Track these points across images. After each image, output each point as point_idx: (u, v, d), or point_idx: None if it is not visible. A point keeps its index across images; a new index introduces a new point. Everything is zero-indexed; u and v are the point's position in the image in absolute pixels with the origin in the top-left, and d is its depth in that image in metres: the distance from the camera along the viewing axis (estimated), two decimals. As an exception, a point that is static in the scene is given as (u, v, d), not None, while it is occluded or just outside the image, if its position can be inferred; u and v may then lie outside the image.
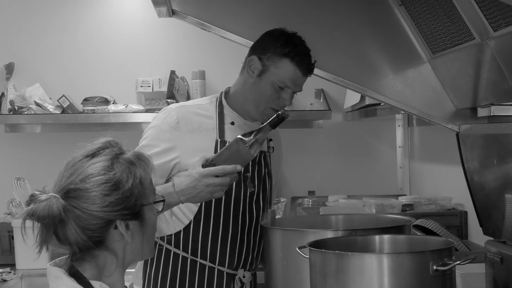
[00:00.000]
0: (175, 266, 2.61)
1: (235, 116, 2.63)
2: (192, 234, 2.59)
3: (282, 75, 2.51)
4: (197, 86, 4.26)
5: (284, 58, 2.51)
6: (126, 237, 1.69)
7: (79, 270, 1.69)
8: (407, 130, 4.34)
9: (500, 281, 2.35)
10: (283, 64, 2.51)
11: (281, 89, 2.53)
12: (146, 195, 1.72)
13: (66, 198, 1.66)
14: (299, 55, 2.51)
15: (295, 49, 2.51)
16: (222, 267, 2.61)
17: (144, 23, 4.39)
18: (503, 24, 2.06)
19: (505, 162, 2.40)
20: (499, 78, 2.29)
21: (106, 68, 4.39)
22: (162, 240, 2.63)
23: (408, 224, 2.46)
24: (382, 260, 1.91)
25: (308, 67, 2.54)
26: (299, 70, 2.52)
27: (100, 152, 1.75)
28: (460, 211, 3.40)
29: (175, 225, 2.60)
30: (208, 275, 2.60)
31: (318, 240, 2.15)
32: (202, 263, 2.60)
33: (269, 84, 2.53)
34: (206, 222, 2.57)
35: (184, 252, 2.60)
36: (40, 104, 4.10)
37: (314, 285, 2.04)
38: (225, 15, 2.88)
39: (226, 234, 2.60)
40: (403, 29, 2.75)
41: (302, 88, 2.59)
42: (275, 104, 2.55)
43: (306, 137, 4.43)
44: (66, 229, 1.66)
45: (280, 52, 2.52)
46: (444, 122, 2.77)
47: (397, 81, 2.81)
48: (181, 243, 2.60)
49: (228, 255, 2.60)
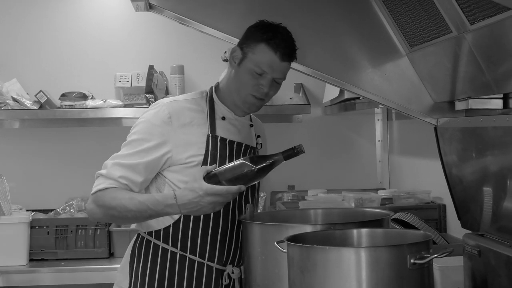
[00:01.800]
0: (163, 261, 2.59)
1: (226, 111, 2.64)
2: (181, 229, 2.57)
3: (258, 60, 2.51)
4: (176, 81, 4.25)
5: (261, 43, 2.51)
6: None
7: None
8: (386, 124, 4.35)
9: (478, 273, 2.36)
10: (260, 49, 2.51)
11: (260, 76, 2.52)
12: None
13: None
14: (275, 39, 2.50)
15: (273, 35, 2.50)
16: (211, 262, 2.60)
17: (122, 18, 4.37)
18: (480, 17, 2.06)
19: (483, 155, 2.41)
20: (476, 71, 2.29)
21: (84, 63, 4.37)
22: (150, 235, 2.61)
23: (387, 217, 2.46)
24: (360, 254, 1.91)
25: (285, 51, 2.51)
26: (275, 55, 2.50)
27: None
28: (438, 205, 3.42)
29: (164, 220, 2.58)
30: (197, 270, 2.59)
31: (296, 235, 2.15)
32: (191, 259, 2.58)
33: (247, 71, 2.53)
34: (196, 217, 2.56)
35: (173, 247, 2.59)
36: (17, 100, 4.07)
37: (292, 279, 2.03)
38: (204, 10, 2.86)
39: (216, 229, 2.59)
40: (381, 23, 2.75)
41: (284, 76, 2.56)
42: (254, 91, 2.54)
43: (286, 131, 4.43)
44: None
45: (258, 37, 2.52)
46: (422, 116, 2.77)
47: (375, 75, 2.81)
48: (170, 238, 2.58)
49: (217, 250, 2.60)
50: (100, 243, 3.87)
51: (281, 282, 2.26)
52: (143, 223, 2.62)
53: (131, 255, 2.66)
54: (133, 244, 2.68)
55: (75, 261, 3.79)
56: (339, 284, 1.91)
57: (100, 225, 3.85)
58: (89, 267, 3.71)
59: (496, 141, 2.31)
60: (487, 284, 2.30)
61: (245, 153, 2.64)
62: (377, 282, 1.90)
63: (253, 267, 2.42)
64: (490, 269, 2.29)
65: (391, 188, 4.18)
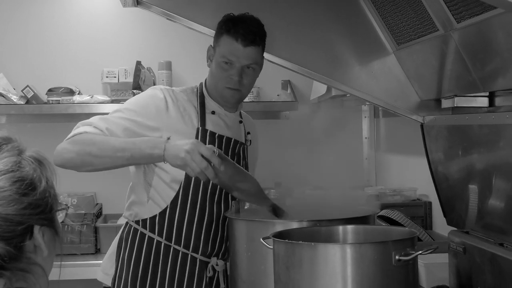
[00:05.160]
0: (148, 250, 2.62)
1: (216, 106, 2.67)
2: (167, 219, 2.59)
3: (223, 51, 2.55)
4: (164, 77, 4.25)
5: (223, 34, 2.56)
6: (43, 249, 1.40)
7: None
8: (373, 121, 4.36)
9: (463, 270, 2.37)
10: (223, 41, 2.56)
11: (229, 66, 2.56)
12: (56, 200, 1.45)
13: None
14: (235, 27, 2.53)
15: (233, 24, 2.54)
16: (196, 253, 2.62)
17: (110, 13, 4.36)
18: (466, 15, 2.07)
19: (468, 153, 2.42)
20: (462, 69, 2.30)
21: (71, 59, 4.36)
22: (137, 224, 2.64)
23: (373, 214, 2.47)
24: (345, 250, 1.91)
25: (245, 37, 2.53)
26: (236, 42, 2.53)
27: (2, 147, 1.41)
28: (424, 202, 3.43)
29: (151, 209, 2.61)
30: (181, 261, 2.61)
31: (282, 231, 2.15)
32: (176, 249, 2.61)
33: (217, 65, 2.58)
34: (183, 208, 2.58)
35: (158, 237, 2.61)
36: (3, 95, 4.06)
37: (278, 275, 2.04)
38: (191, 6, 2.86)
39: (201, 221, 2.61)
40: (368, 20, 2.75)
41: (254, 61, 2.57)
42: (227, 83, 2.58)
43: (273, 128, 4.43)
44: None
45: (221, 30, 2.57)
46: (408, 113, 2.78)
47: (362, 72, 2.82)
48: (156, 227, 2.61)
49: (202, 242, 2.62)
50: (86, 239, 3.86)
51: (267, 278, 2.27)
52: (132, 212, 2.63)
53: (118, 243, 2.68)
54: (121, 233, 2.71)
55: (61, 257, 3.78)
56: (325, 280, 1.92)
57: (86, 221, 3.85)
58: (75, 263, 3.71)
59: (481, 139, 2.32)
60: (472, 281, 2.32)
61: (234, 148, 2.66)
62: (362, 279, 1.90)
63: (239, 263, 2.42)
64: (475, 266, 2.30)
65: (378, 185, 4.19)
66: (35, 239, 1.38)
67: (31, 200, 1.36)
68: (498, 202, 2.25)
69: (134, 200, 2.66)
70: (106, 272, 2.71)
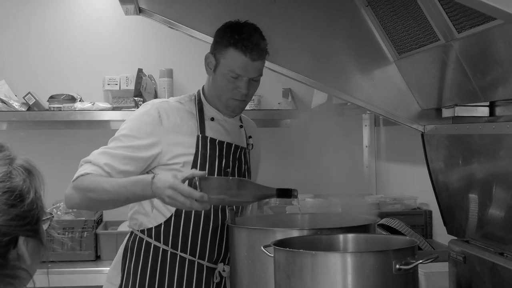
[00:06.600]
0: (155, 259, 2.62)
1: (215, 112, 2.67)
2: (173, 227, 2.60)
3: (230, 65, 2.54)
4: (165, 85, 4.26)
5: (229, 47, 2.54)
6: (26, 259, 1.38)
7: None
8: (374, 130, 4.36)
9: (463, 279, 2.37)
10: (229, 54, 2.55)
11: (236, 79, 2.55)
12: (43, 211, 1.45)
13: None
14: (242, 41, 2.52)
15: (239, 37, 2.53)
16: (202, 260, 2.62)
17: (112, 21, 4.37)
18: (467, 25, 2.08)
19: (469, 162, 2.43)
20: (463, 79, 2.31)
21: (73, 66, 4.37)
22: (142, 233, 2.64)
23: (373, 223, 2.47)
24: (346, 259, 1.92)
25: (253, 51, 2.53)
26: (245, 56, 2.53)
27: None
28: (424, 211, 3.43)
29: (156, 218, 2.62)
30: (188, 268, 2.61)
31: (283, 239, 2.16)
32: (182, 256, 2.61)
33: (223, 77, 2.57)
34: (187, 216, 2.59)
35: (164, 245, 2.61)
36: (5, 101, 4.06)
37: (278, 284, 2.04)
38: (193, 14, 2.87)
39: (207, 227, 2.61)
40: (369, 30, 2.76)
41: (260, 73, 2.59)
42: (234, 95, 2.58)
43: (274, 136, 4.44)
44: None
45: (226, 43, 2.55)
46: (409, 122, 2.79)
47: (363, 81, 2.82)
48: (161, 236, 2.61)
49: (208, 248, 2.62)
50: (87, 246, 3.86)
51: (267, 287, 2.27)
52: (137, 221, 2.64)
53: (123, 252, 2.68)
54: (126, 242, 2.71)
55: (62, 264, 3.78)
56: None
57: (87, 228, 3.85)
58: (76, 270, 3.71)
59: (482, 149, 2.33)
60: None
61: (235, 153, 2.67)
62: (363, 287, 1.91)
63: (239, 271, 2.42)
64: (475, 275, 2.30)
65: (378, 193, 4.19)
66: (19, 249, 1.37)
67: (18, 211, 1.35)
68: (498, 212, 2.25)
69: (138, 209, 2.66)
70: (111, 282, 2.71)
